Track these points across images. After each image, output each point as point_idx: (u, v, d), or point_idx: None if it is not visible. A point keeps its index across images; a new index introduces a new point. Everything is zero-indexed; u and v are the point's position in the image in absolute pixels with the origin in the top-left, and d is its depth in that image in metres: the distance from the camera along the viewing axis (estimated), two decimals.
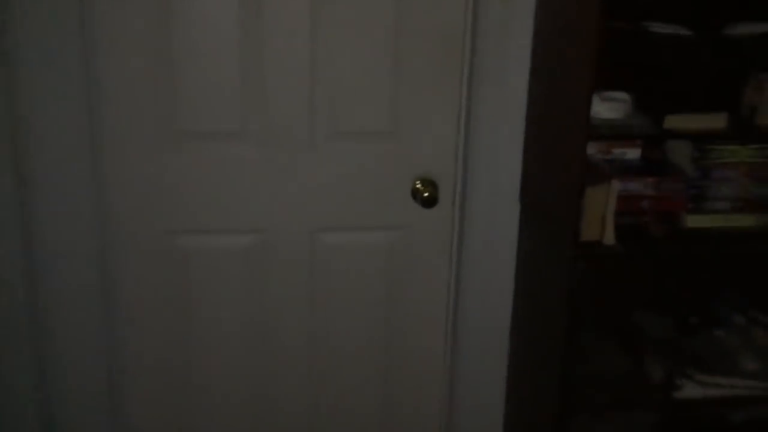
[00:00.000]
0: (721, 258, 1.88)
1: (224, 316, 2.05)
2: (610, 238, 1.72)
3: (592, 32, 1.56)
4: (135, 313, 2.00)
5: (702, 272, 2.01)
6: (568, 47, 1.70)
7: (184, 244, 1.97)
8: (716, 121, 1.81)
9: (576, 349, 1.83)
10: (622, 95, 1.75)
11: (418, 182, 2.04)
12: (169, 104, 1.84)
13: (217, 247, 2.00)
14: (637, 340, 2.00)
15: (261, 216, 1.99)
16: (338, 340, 2.12)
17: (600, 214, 1.72)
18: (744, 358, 1.97)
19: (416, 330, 2.16)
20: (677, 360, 1.93)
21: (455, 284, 2.09)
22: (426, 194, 2.00)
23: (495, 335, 2.12)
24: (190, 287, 2.00)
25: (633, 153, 1.91)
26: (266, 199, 1.97)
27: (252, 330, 2.07)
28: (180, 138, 1.88)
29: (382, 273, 2.10)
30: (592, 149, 1.80)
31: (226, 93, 1.86)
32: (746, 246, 1.83)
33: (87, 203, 1.85)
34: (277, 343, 2.09)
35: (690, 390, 1.87)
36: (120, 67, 1.80)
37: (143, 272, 1.97)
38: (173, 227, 1.95)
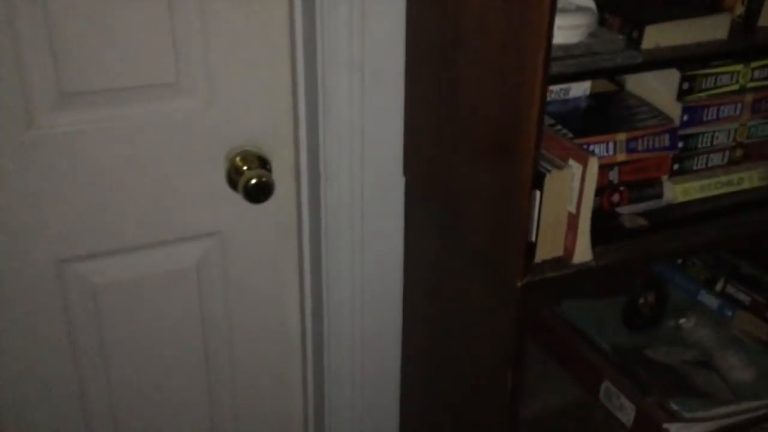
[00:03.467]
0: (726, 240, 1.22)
1: None
2: (583, 252, 1.00)
3: None
4: None
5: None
6: None
7: None
8: (716, 28, 1.11)
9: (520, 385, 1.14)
10: (586, 1, 0.99)
11: (237, 158, 1.21)
12: None
13: None
14: (597, 367, 1.35)
15: None
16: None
17: (563, 215, 0.99)
18: (727, 366, 1.38)
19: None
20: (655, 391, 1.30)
21: (311, 329, 1.33)
22: (252, 180, 1.18)
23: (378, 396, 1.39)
24: None
25: (579, 89, 1.18)
26: None
27: None
28: None
29: (180, 320, 1.29)
30: None
31: None
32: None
33: None
34: None
35: None
36: None
37: None
38: None
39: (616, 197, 1.11)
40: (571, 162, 0.97)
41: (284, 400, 1.45)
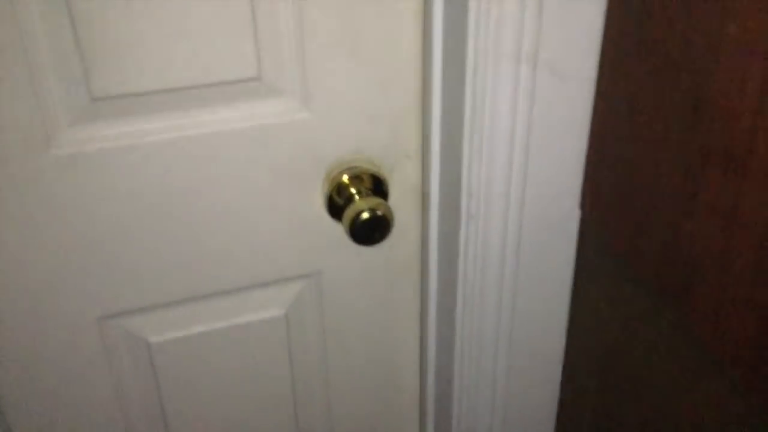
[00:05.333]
0: None
1: None
2: None
3: None
4: None
5: None
6: None
7: None
8: None
9: None
10: None
11: (344, 177, 0.86)
12: None
13: None
14: None
15: None
16: None
17: None
18: None
19: None
20: None
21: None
22: (364, 214, 0.83)
23: None
24: None
25: None
26: None
27: None
28: None
29: (263, 382, 0.97)
30: None
31: None
32: None
33: None
34: None
35: None
36: None
37: None
38: None
39: None
40: None
41: None
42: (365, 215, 0.83)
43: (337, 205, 0.88)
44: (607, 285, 0.84)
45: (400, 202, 0.90)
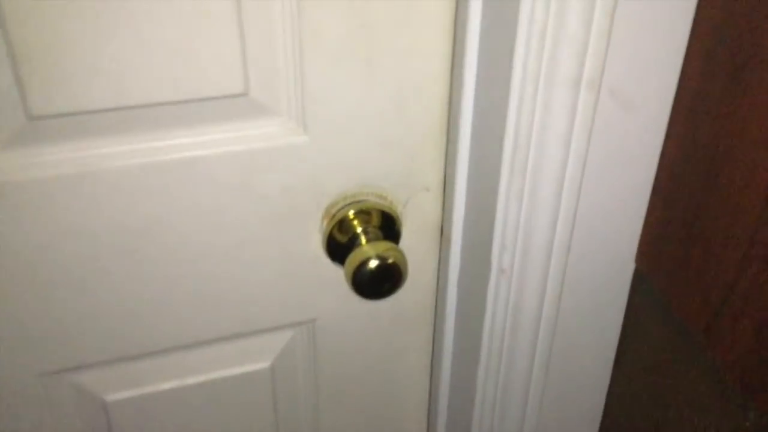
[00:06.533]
0: None
1: None
2: None
3: None
4: None
5: None
6: None
7: None
8: None
9: None
10: None
11: (348, 213, 0.70)
12: None
13: None
14: None
15: None
16: None
17: None
18: None
19: None
20: None
21: None
22: (371, 263, 0.67)
23: None
24: None
25: None
26: None
27: None
28: None
29: None
30: None
31: None
32: None
33: None
34: None
35: None
36: None
37: None
38: None
39: None
40: None
41: None
42: (373, 264, 0.68)
43: (337, 246, 0.72)
44: (658, 349, 0.69)
45: (414, 242, 0.75)
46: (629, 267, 0.70)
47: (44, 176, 0.60)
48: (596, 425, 0.79)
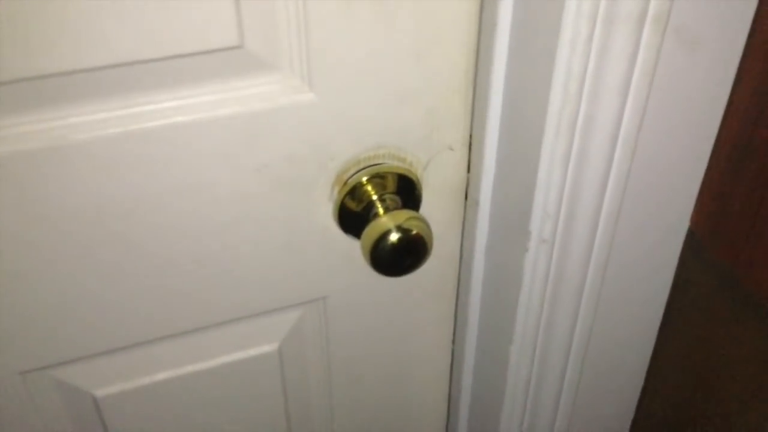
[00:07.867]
0: None
1: None
2: None
3: None
4: None
5: None
6: None
7: None
8: None
9: None
10: None
11: (361, 178, 0.61)
12: None
13: None
14: None
15: None
16: None
17: None
18: None
19: None
20: None
21: None
22: (394, 235, 0.58)
23: None
24: None
25: None
26: None
27: None
28: None
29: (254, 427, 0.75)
30: None
31: None
32: None
33: None
34: None
35: None
36: None
37: None
38: None
39: None
40: None
41: None
42: (394, 237, 0.59)
43: (350, 216, 0.63)
44: (707, 308, 0.61)
45: (435, 209, 0.66)
46: (683, 226, 0.62)
47: (5, 152, 0.50)
48: (631, 414, 0.72)
